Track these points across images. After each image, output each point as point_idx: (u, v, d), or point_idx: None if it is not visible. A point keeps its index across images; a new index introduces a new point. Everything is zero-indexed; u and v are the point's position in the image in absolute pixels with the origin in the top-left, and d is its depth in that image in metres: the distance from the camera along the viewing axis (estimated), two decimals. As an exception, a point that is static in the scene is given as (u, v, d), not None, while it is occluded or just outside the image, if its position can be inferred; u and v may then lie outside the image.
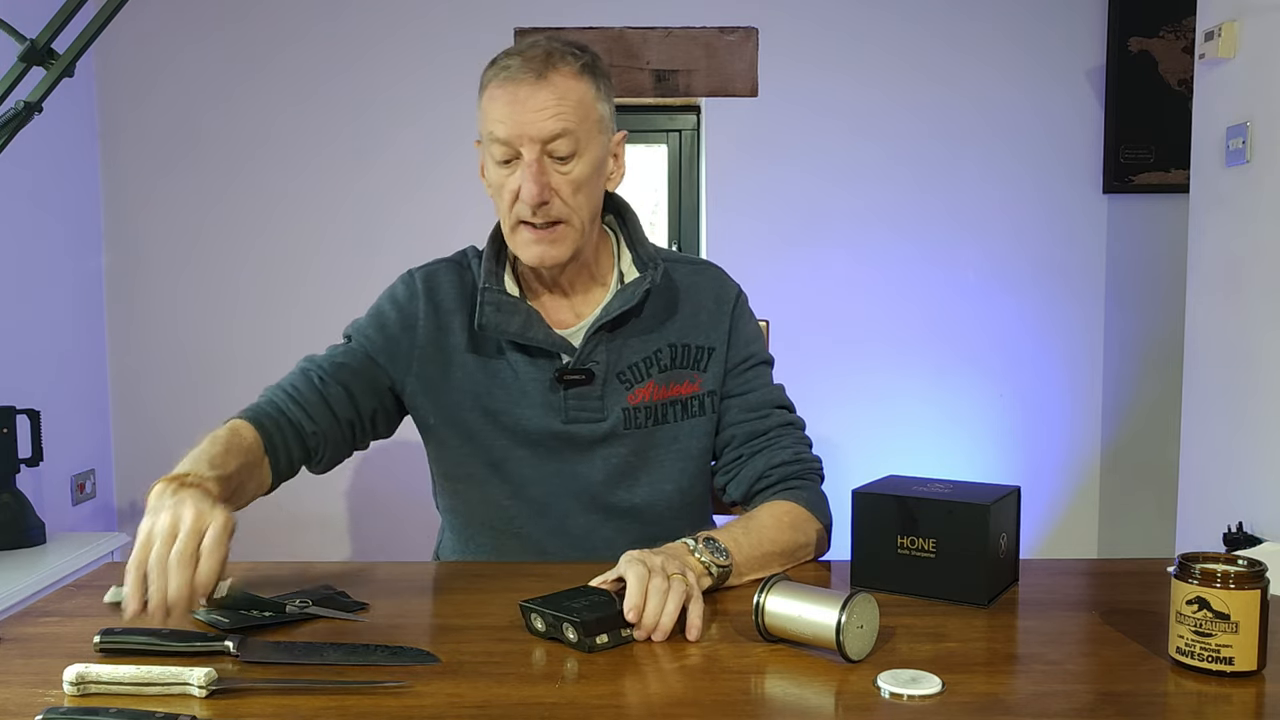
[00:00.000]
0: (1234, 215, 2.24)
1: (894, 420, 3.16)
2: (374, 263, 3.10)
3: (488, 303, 1.32)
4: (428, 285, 1.39)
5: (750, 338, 1.43)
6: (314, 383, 1.34)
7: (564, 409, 1.34)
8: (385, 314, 1.40)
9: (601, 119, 1.29)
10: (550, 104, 1.23)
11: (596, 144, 1.28)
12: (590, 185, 1.28)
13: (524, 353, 1.35)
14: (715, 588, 1.13)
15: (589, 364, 1.33)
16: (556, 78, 1.24)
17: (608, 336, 1.35)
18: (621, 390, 1.35)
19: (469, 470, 1.39)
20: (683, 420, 1.38)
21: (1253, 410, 2.17)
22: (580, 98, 1.26)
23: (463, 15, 3.08)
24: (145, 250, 3.15)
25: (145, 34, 3.08)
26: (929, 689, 0.86)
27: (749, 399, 1.39)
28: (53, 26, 1.14)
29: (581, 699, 0.86)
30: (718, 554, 1.13)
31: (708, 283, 1.43)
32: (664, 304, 1.39)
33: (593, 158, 1.28)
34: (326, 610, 1.08)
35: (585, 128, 1.26)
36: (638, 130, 3.30)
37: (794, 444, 1.37)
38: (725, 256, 3.11)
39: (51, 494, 2.85)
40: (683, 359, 1.38)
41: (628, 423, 1.35)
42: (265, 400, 1.34)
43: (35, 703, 0.85)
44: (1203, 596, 0.88)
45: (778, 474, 1.34)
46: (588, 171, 1.27)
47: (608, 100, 1.31)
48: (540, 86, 1.23)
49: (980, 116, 3.13)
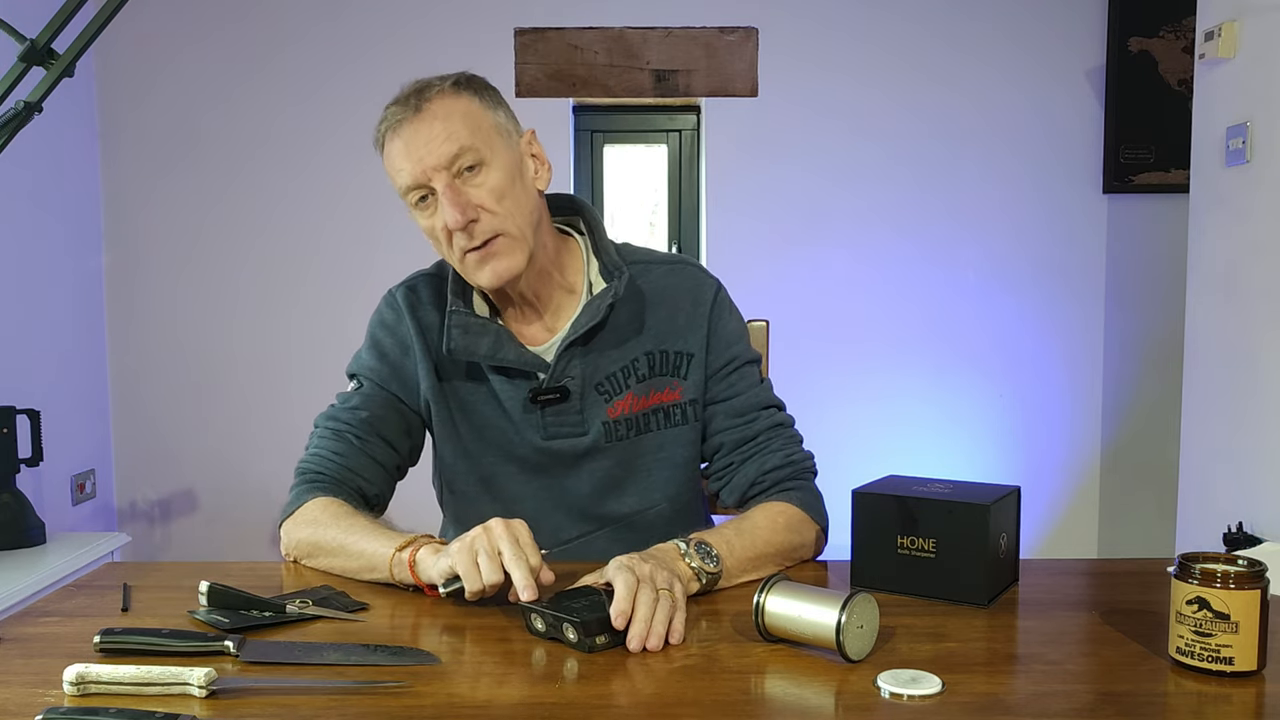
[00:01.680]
0: (1234, 215, 2.24)
1: (894, 420, 3.16)
2: (373, 262, 3.10)
3: (455, 325, 1.32)
4: (410, 302, 1.39)
5: (731, 338, 1.39)
6: (355, 444, 1.33)
7: (543, 426, 1.34)
8: (381, 341, 1.39)
9: (496, 125, 1.28)
10: (437, 129, 1.23)
11: (501, 149, 1.27)
12: (513, 190, 1.27)
13: (500, 372, 1.34)
14: (705, 591, 1.14)
15: (563, 380, 1.32)
16: (434, 105, 1.24)
17: (581, 350, 1.33)
18: (600, 403, 1.34)
19: (462, 487, 1.40)
20: (666, 429, 1.36)
21: (1253, 410, 2.17)
22: (465, 112, 1.25)
23: (463, 15, 3.08)
24: (145, 250, 3.15)
25: (145, 34, 3.08)
26: (929, 689, 0.86)
27: (735, 404, 1.37)
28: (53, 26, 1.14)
29: (581, 699, 0.86)
30: (708, 559, 1.13)
31: (683, 283, 1.39)
32: (638, 310, 1.36)
33: (503, 163, 1.26)
34: (326, 610, 1.08)
35: (481, 137, 1.25)
36: (638, 130, 3.30)
37: (784, 445, 1.36)
38: (725, 256, 3.12)
39: (51, 494, 2.85)
40: (661, 366, 1.36)
41: (609, 436, 1.35)
42: (322, 470, 1.32)
43: (35, 703, 0.85)
44: (1203, 596, 0.88)
45: (770, 479, 1.33)
46: (503, 179, 1.26)
47: (497, 106, 1.30)
48: (422, 119, 1.24)
49: (980, 116, 3.13)
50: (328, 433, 1.35)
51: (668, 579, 1.03)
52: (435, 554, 1.10)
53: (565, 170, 3.15)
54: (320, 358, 3.11)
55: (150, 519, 3.21)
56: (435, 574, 1.08)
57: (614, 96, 3.12)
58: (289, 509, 1.29)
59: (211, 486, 3.19)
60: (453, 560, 1.05)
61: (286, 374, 3.15)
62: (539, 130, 1.42)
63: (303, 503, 1.28)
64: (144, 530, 3.20)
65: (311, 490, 1.29)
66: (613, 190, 3.34)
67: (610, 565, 1.04)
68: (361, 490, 1.33)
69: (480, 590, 1.04)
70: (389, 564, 1.14)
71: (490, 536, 1.05)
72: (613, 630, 0.97)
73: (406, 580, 1.14)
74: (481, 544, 1.05)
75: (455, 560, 1.05)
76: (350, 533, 1.20)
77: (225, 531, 3.17)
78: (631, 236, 1.47)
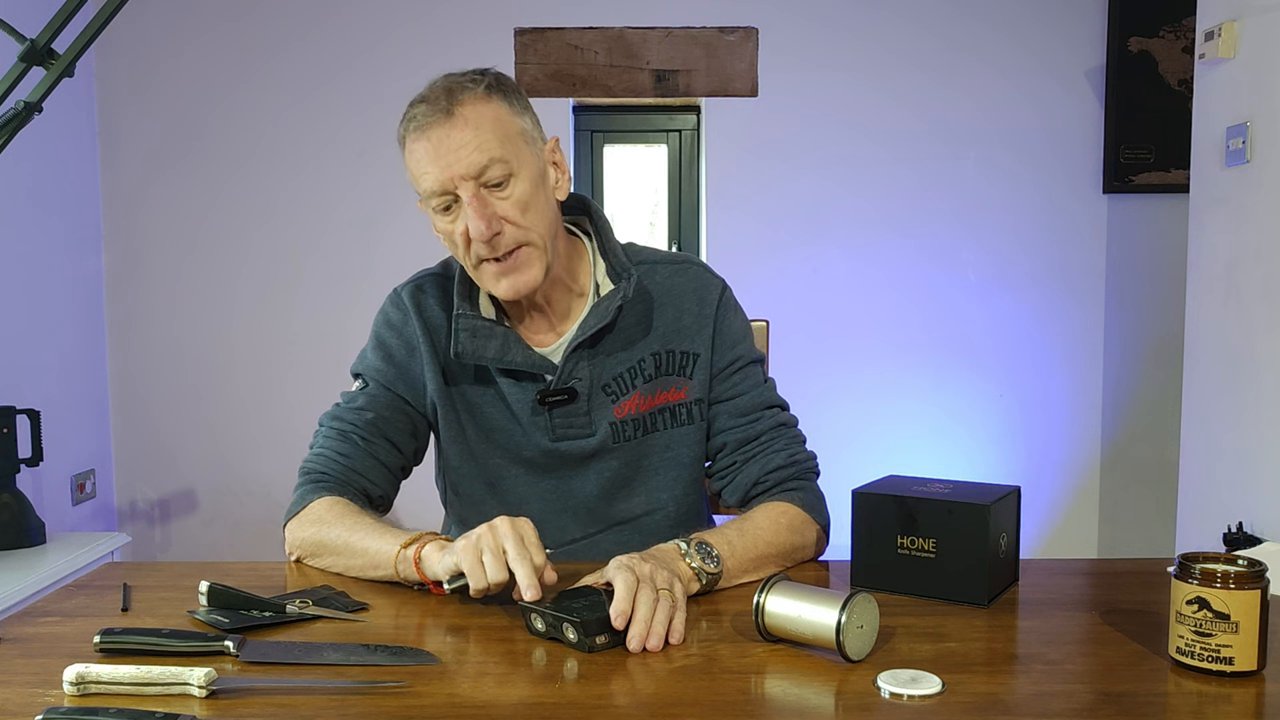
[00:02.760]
0: (1234, 215, 2.24)
1: (894, 420, 3.16)
2: (373, 262, 3.10)
3: (462, 329, 1.31)
4: (416, 302, 1.38)
5: (736, 338, 1.39)
6: (360, 445, 1.33)
7: (550, 427, 1.34)
8: (386, 341, 1.38)
9: (524, 132, 1.26)
10: (468, 137, 1.21)
11: (529, 159, 1.25)
12: (537, 202, 1.25)
13: (508, 374, 1.34)
14: (706, 591, 1.14)
15: (571, 382, 1.32)
16: (465, 110, 1.22)
17: (589, 352, 1.33)
18: (608, 404, 1.34)
19: (468, 489, 1.40)
20: (672, 429, 1.37)
21: (1253, 410, 2.17)
22: (495, 119, 1.23)
23: (463, 16, 3.08)
24: (145, 250, 3.15)
25: (145, 34, 3.08)
26: (929, 689, 0.86)
27: (739, 404, 1.37)
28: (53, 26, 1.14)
29: (581, 699, 0.86)
30: (708, 560, 1.13)
31: (689, 283, 1.39)
32: (644, 311, 1.36)
33: (530, 174, 1.25)
34: (326, 610, 1.08)
35: (511, 148, 1.23)
36: (638, 130, 3.30)
37: (787, 445, 1.36)
38: (725, 256, 3.12)
39: (51, 494, 2.85)
40: (668, 366, 1.36)
41: (616, 436, 1.35)
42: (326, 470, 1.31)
43: (35, 703, 0.85)
44: (1203, 596, 0.88)
45: (773, 479, 1.33)
46: (529, 190, 1.24)
47: (525, 112, 1.28)
48: (453, 124, 1.21)
49: (980, 116, 3.13)
50: (333, 433, 1.34)
51: (668, 579, 1.03)
52: (441, 550, 1.10)
53: (565, 170, 3.15)
54: (320, 357, 3.11)
55: (150, 519, 3.21)
56: (440, 571, 1.08)
57: (614, 96, 3.12)
58: (294, 509, 1.29)
59: (211, 486, 3.19)
60: (458, 557, 1.05)
61: (286, 374, 3.15)
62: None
63: (308, 502, 1.27)
64: (144, 530, 3.20)
65: (317, 490, 1.29)
66: (613, 190, 3.34)
67: (610, 565, 1.04)
68: (366, 491, 1.32)
69: (484, 588, 1.04)
70: (394, 561, 1.15)
71: (495, 534, 1.05)
72: (613, 630, 0.97)
73: (412, 577, 1.14)
74: (486, 542, 1.05)
75: (460, 557, 1.05)
76: (355, 531, 1.20)
77: (225, 531, 3.17)
78: (632, 237, 1.47)
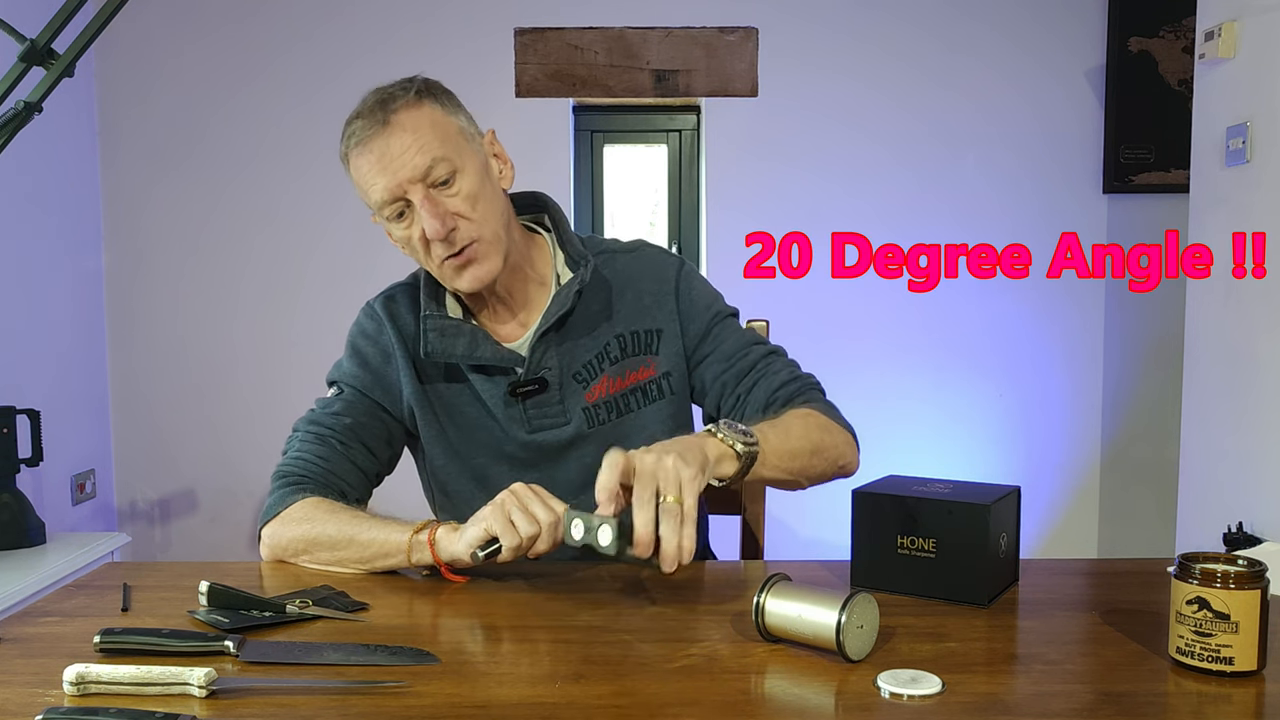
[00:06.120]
0: (1234, 215, 2.24)
1: (894, 420, 3.16)
2: (373, 262, 3.09)
3: (430, 329, 1.34)
4: (389, 312, 1.41)
5: (705, 301, 1.42)
6: (338, 449, 1.34)
7: (526, 420, 1.36)
8: (362, 350, 1.41)
9: (462, 130, 1.30)
10: (409, 142, 1.25)
11: (470, 155, 1.29)
12: (485, 194, 1.30)
13: (480, 371, 1.37)
14: (743, 473, 1.11)
15: (540, 372, 1.35)
16: (400, 116, 1.26)
17: (555, 339, 1.36)
18: (579, 391, 1.37)
19: (456, 487, 1.41)
20: (644, 407, 1.39)
21: (1253, 410, 2.17)
22: (432, 121, 1.27)
23: (463, 16, 3.08)
24: (145, 250, 3.15)
25: (145, 34, 3.08)
26: (929, 689, 0.86)
27: (723, 349, 1.39)
28: (53, 26, 1.14)
29: (581, 699, 0.86)
30: (743, 435, 1.11)
31: (645, 266, 1.43)
32: (605, 298, 1.40)
33: (474, 169, 1.29)
34: (326, 610, 1.08)
35: (451, 146, 1.27)
36: (638, 130, 3.30)
37: (785, 367, 1.38)
38: (725, 256, 3.12)
39: (51, 494, 2.85)
40: (633, 346, 1.39)
41: (590, 422, 1.37)
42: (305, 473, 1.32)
43: (35, 703, 0.85)
44: (1203, 596, 0.88)
45: (783, 395, 1.33)
46: (475, 184, 1.28)
47: (458, 110, 1.32)
48: (391, 132, 1.25)
49: (980, 117, 3.13)
50: (310, 436, 1.35)
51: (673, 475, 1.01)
52: (454, 531, 1.13)
53: (565, 170, 3.15)
54: (320, 358, 3.09)
55: (150, 519, 3.21)
56: (463, 546, 1.11)
57: (614, 96, 3.12)
58: (272, 510, 1.28)
59: (211, 486, 3.19)
60: (487, 523, 1.09)
61: (287, 374, 3.15)
62: (539, 130, 1.44)
63: (289, 503, 1.27)
64: (144, 530, 3.20)
65: (298, 491, 1.29)
66: (613, 190, 3.34)
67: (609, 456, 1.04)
68: (344, 494, 1.33)
69: (518, 545, 1.08)
70: (406, 547, 1.16)
71: (517, 495, 1.10)
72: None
73: (425, 561, 1.15)
74: (512, 502, 1.09)
75: (489, 522, 1.09)
76: (355, 524, 1.21)
77: (225, 531, 3.16)
78: (632, 237, 1.49)
